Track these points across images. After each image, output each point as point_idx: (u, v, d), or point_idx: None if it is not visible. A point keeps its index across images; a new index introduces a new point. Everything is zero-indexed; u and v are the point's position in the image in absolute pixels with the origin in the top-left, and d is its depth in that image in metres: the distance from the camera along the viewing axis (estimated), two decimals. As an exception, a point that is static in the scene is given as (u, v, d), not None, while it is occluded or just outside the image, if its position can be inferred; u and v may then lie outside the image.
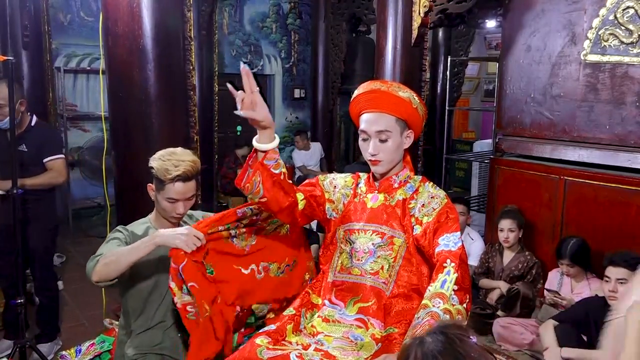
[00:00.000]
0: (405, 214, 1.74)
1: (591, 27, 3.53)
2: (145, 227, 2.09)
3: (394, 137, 1.72)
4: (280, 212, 1.76)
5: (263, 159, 1.63)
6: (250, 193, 1.67)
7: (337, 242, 1.86)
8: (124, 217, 3.15)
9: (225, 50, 7.63)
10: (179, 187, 1.97)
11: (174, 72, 3.20)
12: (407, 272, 1.72)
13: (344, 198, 1.87)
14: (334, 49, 7.32)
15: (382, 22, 4.24)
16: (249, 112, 1.54)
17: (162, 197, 2.00)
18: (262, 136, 1.63)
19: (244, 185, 1.66)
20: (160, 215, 2.08)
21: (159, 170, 1.96)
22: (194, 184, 2.03)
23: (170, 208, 2.02)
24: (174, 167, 1.95)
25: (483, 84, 10.92)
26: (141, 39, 2.99)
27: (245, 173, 1.67)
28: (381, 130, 1.71)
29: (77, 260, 4.84)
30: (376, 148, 1.73)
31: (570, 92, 3.71)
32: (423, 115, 1.79)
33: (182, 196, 2.00)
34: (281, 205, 1.72)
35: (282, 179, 1.69)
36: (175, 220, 2.09)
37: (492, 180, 4.30)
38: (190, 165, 1.97)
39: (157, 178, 1.98)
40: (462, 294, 1.48)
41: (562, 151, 3.82)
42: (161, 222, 2.10)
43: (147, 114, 3.08)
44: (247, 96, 1.55)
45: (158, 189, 2.01)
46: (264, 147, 1.63)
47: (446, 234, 1.61)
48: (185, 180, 1.98)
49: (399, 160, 1.79)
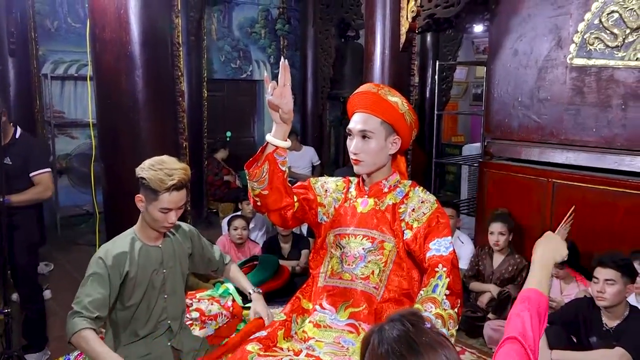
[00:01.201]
0: (396, 218, 1.75)
1: (577, 31, 3.58)
2: (130, 239, 2.06)
3: (376, 139, 1.74)
4: (274, 212, 1.77)
5: (273, 152, 1.67)
6: (255, 180, 1.69)
7: (327, 246, 1.86)
8: (112, 225, 3.13)
9: (214, 55, 7.62)
10: (174, 196, 1.96)
11: (163, 78, 3.19)
12: (398, 277, 1.73)
13: (335, 202, 1.88)
14: (323, 54, 7.34)
15: (371, 28, 4.27)
16: (277, 99, 1.60)
17: (155, 207, 1.97)
18: (278, 131, 1.68)
19: (253, 171, 1.69)
20: (147, 226, 2.05)
21: (152, 180, 1.92)
22: (185, 192, 2.02)
23: (162, 218, 1.99)
24: (169, 177, 1.93)
25: (471, 88, 10.99)
26: (129, 45, 2.98)
27: (255, 160, 1.70)
28: (363, 130, 1.74)
29: (65, 269, 4.79)
30: (357, 147, 1.76)
31: (557, 96, 3.75)
32: (411, 122, 1.80)
33: (176, 205, 1.99)
34: (278, 204, 1.74)
35: (285, 177, 1.73)
36: (165, 230, 2.06)
37: (482, 183, 4.32)
38: (183, 173, 1.97)
39: (149, 189, 1.95)
40: (453, 299, 1.50)
41: (550, 154, 3.86)
42: (147, 233, 2.07)
43: (135, 121, 3.06)
44: (279, 87, 1.60)
45: (150, 199, 1.97)
46: (277, 142, 1.67)
47: (437, 239, 1.63)
48: (180, 189, 1.97)
49: (382, 163, 1.79)
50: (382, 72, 4.24)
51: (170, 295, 2.12)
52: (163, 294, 2.10)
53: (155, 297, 2.08)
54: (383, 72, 4.25)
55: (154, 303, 2.07)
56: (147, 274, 2.04)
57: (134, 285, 2.01)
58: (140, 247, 2.05)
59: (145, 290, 2.04)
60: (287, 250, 4.33)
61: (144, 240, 2.07)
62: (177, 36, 3.33)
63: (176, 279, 2.15)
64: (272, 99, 1.59)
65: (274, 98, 1.59)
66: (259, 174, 1.67)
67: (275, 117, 1.65)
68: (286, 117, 1.64)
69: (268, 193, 1.70)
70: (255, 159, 1.70)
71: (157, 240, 2.10)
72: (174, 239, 2.17)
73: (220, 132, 7.73)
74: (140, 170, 1.96)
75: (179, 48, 3.35)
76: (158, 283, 2.08)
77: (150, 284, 2.05)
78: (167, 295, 2.11)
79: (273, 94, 1.59)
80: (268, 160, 1.66)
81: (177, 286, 2.16)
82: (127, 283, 1.99)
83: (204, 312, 2.46)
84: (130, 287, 2.00)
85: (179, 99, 3.39)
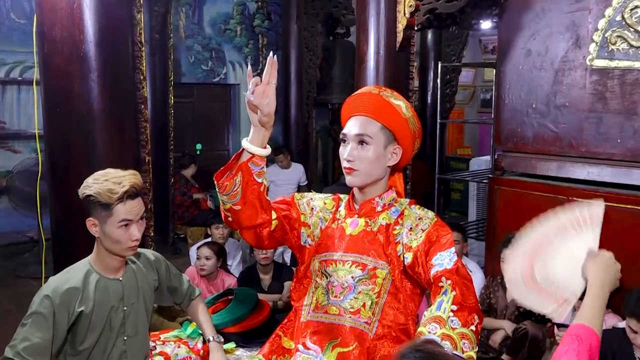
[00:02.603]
0: (390, 241, 1.76)
1: (597, 28, 3.66)
2: (84, 272, 2.05)
3: (374, 145, 1.76)
4: (248, 230, 1.77)
5: (248, 161, 1.66)
6: (226, 193, 1.68)
7: (311, 274, 1.86)
8: (62, 255, 3.11)
9: (182, 56, 7.66)
10: (130, 205, 1.97)
11: (122, 82, 3.20)
12: (393, 310, 1.74)
13: (321, 222, 1.88)
14: (308, 54, 7.41)
15: (363, 24, 4.32)
16: (257, 99, 1.60)
17: (113, 224, 1.97)
18: (255, 136, 1.68)
19: (223, 183, 1.68)
20: (106, 254, 2.04)
21: (101, 194, 1.93)
22: (142, 200, 2.03)
23: (125, 236, 1.98)
24: (118, 185, 1.94)
25: (479, 93, 11.14)
26: (83, 45, 3.00)
27: (227, 170, 1.69)
28: (360, 134, 1.76)
29: (4, 307, 4.73)
30: (352, 154, 1.76)
31: (576, 102, 3.82)
32: (415, 131, 1.82)
33: (135, 215, 1.99)
34: (253, 221, 1.74)
35: (262, 190, 1.71)
36: (131, 252, 2.05)
37: (492, 202, 4.36)
38: (134, 178, 1.99)
39: (100, 205, 1.95)
40: (465, 314, 1.47)
41: (570, 169, 3.91)
42: (105, 263, 2.05)
43: (90, 132, 3.07)
44: (262, 85, 1.61)
45: (104, 217, 1.97)
46: (254, 149, 1.67)
47: (439, 252, 1.63)
48: (134, 196, 1.98)
49: (378, 176, 1.81)
50: (376, 75, 4.29)
51: (131, 337, 2.11)
52: (122, 335, 2.09)
53: (114, 339, 2.06)
54: (377, 75, 4.29)
55: (111, 346, 2.06)
56: (104, 312, 2.03)
57: (88, 325, 1.99)
58: (97, 281, 2.03)
59: (101, 331, 2.03)
60: (267, 282, 4.32)
61: (101, 272, 2.05)
62: (139, 34, 3.35)
63: (139, 318, 2.14)
64: (251, 98, 1.60)
65: (254, 97, 1.60)
66: (230, 186, 1.67)
67: (254, 119, 1.66)
68: (265, 120, 1.64)
69: (241, 208, 1.70)
70: (227, 168, 1.69)
71: (118, 272, 2.09)
72: (137, 269, 2.16)
73: (189, 145, 7.73)
74: (84, 189, 1.97)
75: (141, 48, 3.37)
76: (117, 323, 2.07)
77: (108, 323, 2.04)
78: (127, 337, 2.10)
79: (254, 92, 1.60)
80: (242, 170, 1.66)
81: (140, 326, 2.15)
82: (80, 324, 1.98)
83: (170, 357, 2.45)
84: (83, 329, 1.99)
85: (141, 106, 3.40)
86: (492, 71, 5.69)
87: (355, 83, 4.47)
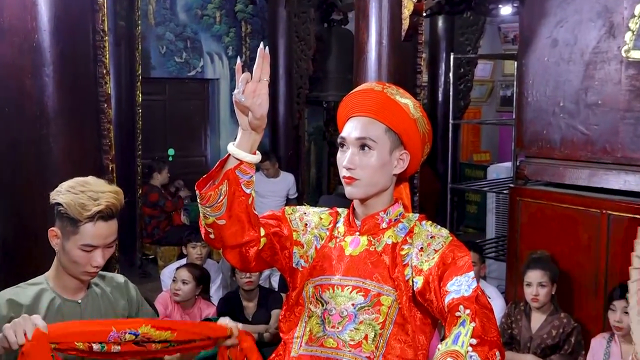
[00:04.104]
0: (396, 263, 1.76)
1: (633, 14, 3.68)
2: (37, 289, 2.03)
3: (378, 150, 1.76)
4: (232, 250, 1.77)
5: (235, 168, 1.66)
6: (209, 205, 1.68)
7: (304, 301, 1.86)
8: (10, 276, 3.08)
9: (151, 46, 7.66)
10: (101, 228, 1.93)
11: (81, 77, 3.21)
12: (400, 343, 1.74)
13: (316, 241, 1.88)
14: (300, 44, 7.42)
15: (363, 9, 4.33)
16: (248, 100, 1.61)
17: (74, 244, 1.94)
18: (244, 140, 1.68)
19: (206, 193, 1.67)
20: (64, 271, 2.03)
21: (71, 206, 1.90)
22: (116, 224, 2.00)
23: (84, 259, 1.96)
24: (93, 201, 1.91)
25: (498, 89, 11.19)
26: (36, 34, 3.00)
27: (210, 178, 1.70)
28: (362, 137, 1.75)
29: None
30: (353, 160, 1.76)
31: (611, 100, 3.84)
32: (424, 134, 1.82)
33: (103, 241, 1.95)
34: (239, 238, 1.73)
35: (250, 203, 1.72)
36: (87, 277, 2.03)
37: (514, 217, 4.37)
38: (113, 197, 1.94)
39: (67, 218, 1.93)
40: (485, 350, 1.47)
41: (603, 177, 3.93)
42: (63, 282, 2.04)
43: (44, 136, 3.06)
44: (253, 82, 1.61)
45: (68, 233, 1.95)
46: (243, 155, 1.67)
47: (456, 277, 1.62)
48: (109, 218, 1.95)
49: (383, 186, 1.81)
50: (378, 69, 4.30)
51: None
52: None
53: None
54: (380, 69, 4.30)
55: None
56: None
57: None
58: (50, 300, 2.02)
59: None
60: (251, 311, 4.31)
61: (57, 290, 2.04)
62: (101, 21, 3.36)
63: None
64: (241, 99, 1.60)
65: (244, 97, 1.60)
66: (214, 197, 1.66)
67: (243, 121, 1.67)
68: (257, 123, 1.65)
69: (225, 223, 1.70)
70: (210, 176, 1.69)
71: (77, 294, 2.07)
72: (101, 294, 2.14)
73: (160, 150, 7.73)
74: (56, 194, 1.95)
75: (104, 37, 3.37)
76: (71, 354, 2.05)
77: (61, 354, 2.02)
78: None
79: (244, 90, 1.60)
80: (228, 178, 1.66)
81: (100, 358, 2.14)
82: None
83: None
84: None
85: (103, 105, 3.40)
86: (513, 64, 5.72)
87: (354, 78, 4.48)
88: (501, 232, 6.26)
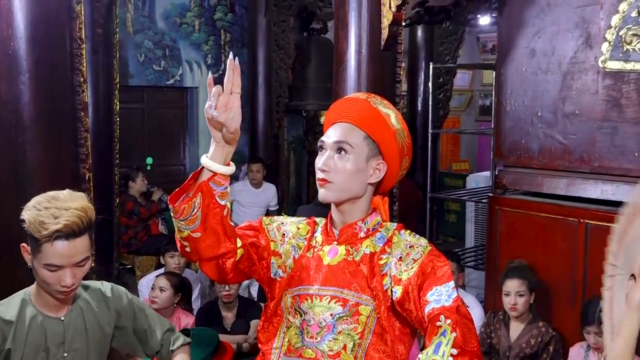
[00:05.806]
0: (375, 272, 1.76)
1: (610, 25, 3.73)
2: (19, 301, 2.01)
3: (354, 156, 1.77)
4: (209, 262, 1.76)
5: (209, 180, 1.66)
6: (183, 219, 1.67)
7: (282, 312, 1.86)
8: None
9: (129, 55, 7.63)
10: (60, 247, 1.86)
11: (58, 85, 3.19)
12: (379, 353, 1.74)
13: (294, 251, 1.88)
14: (279, 53, 7.43)
15: (342, 19, 4.35)
16: (222, 116, 1.60)
17: (39, 263, 1.90)
18: (217, 152, 1.68)
19: (179, 207, 1.67)
20: (42, 288, 2.01)
21: (32, 224, 1.86)
22: (84, 242, 1.92)
23: (52, 278, 1.90)
24: (53, 219, 1.84)
25: (477, 99, 11.29)
26: (11, 42, 2.98)
27: (184, 191, 1.69)
28: (340, 141, 1.77)
29: None
30: (328, 163, 1.77)
31: (588, 110, 3.88)
32: (403, 146, 1.84)
33: (67, 261, 1.89)
34: (215, 250, 1.73)
35: (225, 215, 1.71)
36: (62, 295, 1.97)
37: (492, 226, 4.40)
38: (76, 215, 1.87)
39: (30, 236, 1.89)
40: None
41: (581, 186, 3.97)
42: (44, 298, 2.00)
43: (19, 145, 3.04)
44: (225, 95, 1.61)
45: (34, 251, 1.91)
46: (215, 167, 1.66)
47: (436, 287, 1.63)
48: (70, 237, 1.87)
49: (356, 194, 1.81)
50: (357, 78, 4.31)
51: None
52: None
53: None
54: (359, 78, 4.31)
55: None
56: (35, 356, 1.98)
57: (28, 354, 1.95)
58: (32, 317, 1.99)
59: None
60: (230, 321, 4.29)
61: (39, 307, 2.01)
62: (78, 29, 3.35)
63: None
64: (214, 114, 1.59)
65: (217, 112, 1.59)
66: (187, 210, 1.66)
67: (216, 135, 1.67)
68: (231, 137, 1.65)
69: (200, 236, 1.69)
70: (183, 189, 1.69)
71: (59, 310, 2.03)
72: (85, 309, 2.09)
73: (138, 159, 7.68)
74: (25, 209, 1.91)
75: (82, 45, 3.36)
76: None
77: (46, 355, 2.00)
78: None
79: (216, 104, 1.60)
80: (202, 191, 1.65)
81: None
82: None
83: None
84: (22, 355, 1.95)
85: (80, 113, 3.39)
86: (491, 74, 5.77)
87: (334, 87, 4.49)
88: (480, 241, 6.30)
